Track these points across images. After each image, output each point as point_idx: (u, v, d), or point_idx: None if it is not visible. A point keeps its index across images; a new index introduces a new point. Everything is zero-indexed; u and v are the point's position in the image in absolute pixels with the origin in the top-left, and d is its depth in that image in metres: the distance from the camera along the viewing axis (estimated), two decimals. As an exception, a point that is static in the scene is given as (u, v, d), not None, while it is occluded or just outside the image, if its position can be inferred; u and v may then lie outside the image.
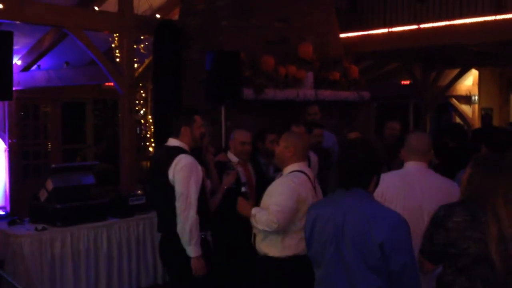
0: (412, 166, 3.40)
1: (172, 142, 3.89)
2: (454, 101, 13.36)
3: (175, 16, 7.91)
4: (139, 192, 5.73)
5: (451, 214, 2.51)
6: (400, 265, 2.38)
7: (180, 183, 3.66)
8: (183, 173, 3.66)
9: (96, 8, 7.41)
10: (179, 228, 3.66)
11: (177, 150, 3.79)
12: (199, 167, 3.79)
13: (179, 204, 3.65)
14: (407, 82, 13.23)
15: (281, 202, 3.38)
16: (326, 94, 7.50)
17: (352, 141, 2.76)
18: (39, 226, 4.91)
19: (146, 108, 8.07)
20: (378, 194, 3.16)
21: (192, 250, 3.66)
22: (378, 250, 2.37)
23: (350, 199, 2.51)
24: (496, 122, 11.98)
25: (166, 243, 3.91)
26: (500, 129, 4.04)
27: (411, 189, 3.28)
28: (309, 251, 2.65)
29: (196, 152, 4.12)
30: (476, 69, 12.68)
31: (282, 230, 3.41)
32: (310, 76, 7.39)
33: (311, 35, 7.76)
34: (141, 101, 8.02)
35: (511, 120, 12.19)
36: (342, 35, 8.90)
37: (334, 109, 7.63)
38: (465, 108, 13.34)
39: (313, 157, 5.42)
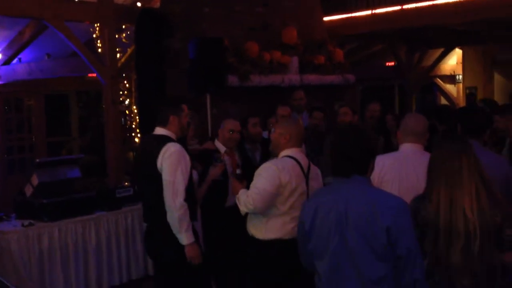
0: (409, 148, 3.38)
1: (160, 131, 3.84)
2: (439, 81, 13.41)
3: (157, 4, 7.80)
4: (126, 183, 5.69)
5: (418, 208, 2.58)
6: (405, 250, 2.37)
7: (167, 171, 3.61)
8: (171, 161, 3.62)
9: (75, -2, 7.28)
10: (168, 217, 3.62)
11: (165, 139, 3.75)
12: (187, 156, 3.75)
13: (167, 193, 3.61)
14: (392, 63, 13.25)
15: (259, 185, 3.41)
16: (311, 78, 7.48)
17: (346, 127, 2.73)
18: (26, 222, 4.86)
19: (131, 99, 7.98)
20: (374, 176, 3.15)
21: (184, 237, 3.61)
22: (385, 235, 2.34)
23: (350, 186, 2.48)
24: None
25: (153, 234, 3.87)
26: (477, 110, 3.93)
27: (407, 171, 3.28)
28: (309, 244, 2.56)
29: (182, 141, 4.08)
30: (460, 48, 12.72)
31: (261, 212, 3.46)
32: (294, 61, 7.35)
33: (294, 19, 7.71)
34: (125, 92, 7.93)
35: (495, 98, 12.27)
36: (325, 18, 8.86)
37: (319, 93, 7.61)
38: (450, 88, 13.40)
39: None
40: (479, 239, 2.42)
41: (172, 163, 3.62)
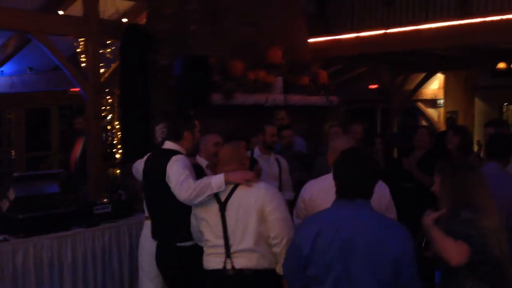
0: None
1: (170, 145, 3.82)
2: (421, 105, 13.56)
3: (143, 20, 7.78)
4: (105, 200, 5.58)
5: (475, 220, 2.62)
6: (409, 277, 2.33)
7: (173, 175, 3.53)
8: (176, 166, 3.56)
9: (61, 12, 7.23)
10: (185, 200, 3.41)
11: (173, 153, 3.73)
12: (190, 165, 3.70)
13: (175, 189, 3.45)
14: (375, 86, 13.37)
15: None
16: (295, 99, 7.51)
17: (353, 151, 2.67)
18: (1, 237, 4.72)
19: (113, 114, 7.91)
20: (305, 199, 3.25)
21: (216, 183, 3.28)
22: (391, 265, 2.29)
23: (355, 211, 2.42)
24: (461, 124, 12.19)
25: (163, 252, 3.84)
26: (502, 135, 4.09)
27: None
28: (308, 270, 2.45)
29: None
30: (442, 73, 12.90)
31: None
32: (279, 81, 7.38)
33: (280, 39, 7.75)
34: (108, 107, 7.86)
35: (476, 122, 12.44)
36: (310, 40, 8.93)
37: (303, 114, 7.63)
38: (431, 112, 13.55)
39: (283, 162, 5.40)
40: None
41: (177, 167, 3.55)
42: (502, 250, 2.51)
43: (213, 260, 3.26)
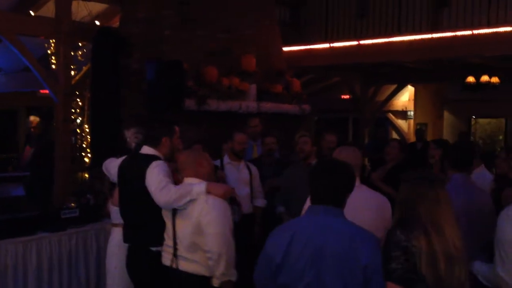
0: None
1: (148, 150, 3.81)
2: (391, 116, 13.76)
3: (116, 23, 7.71)
4: (73, 204, 5.48)
5: (409, 237, 2.44)
6: (378, 284, 2.34)
7: (153, 180, 3.53)
8: (157, 172, 3.56)
9: (32, 13, 7.11)
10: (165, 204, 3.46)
11: (153, 158, 3.72)
12: (169, 171, 3.68)
13: (155, 194, 3.47)
14: (347, 96, 13.52)
15: None
16: (268, 106, 7.52)
17: (329, 160, 2.72)
18: (-37, 241, 4.59)
19: (83, 117, 7.79)
20: None
21: (197, 191, 3.34)
22: (361, 273, 2.30)
23: (328, 219, 2.42)
24: (430, 136, 12.38)
25: (134, 256, 3.82)
26: (464, 146, 4.12)
27: (352, 205, 3.22)
28: (279, 278, 2.44)
29: None
30: (412, 85, 13.12)
31: None
32: (253, 88, 7.39)
33: (254, 47, 7.77)
34: (78, 110, 7.74)
35: (444, 135, 12.67)
36: (284, 49, 8.98)
37: (275, 122, 7.65)
38: (402, 123, 13.76)
39: (254, 169, 5.40)
40: (464, 267, 2.46)
41: (156, 173, 3.56)
42: (440, 276, 2.37)
43: (165, 257, 3.49)
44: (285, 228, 2.54)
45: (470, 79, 10.65)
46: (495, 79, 10.50)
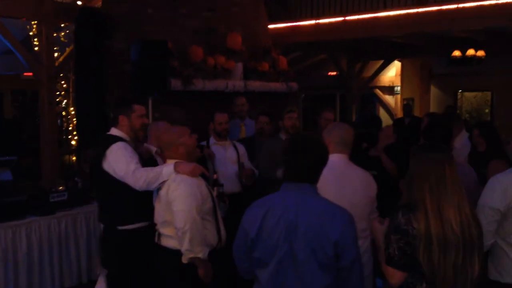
0: (341, 159, 3.32)
1: (113, 131, 3.86)
2: (378, 91, 13.79)
3: (98, 3, 7.58)
4: (61, 188, 5.46)
5: (409, 219, 2.39)
6: (349, 261, 2.36)
7: (120, 164, 3.60)
8: (121, 155, 3.61)
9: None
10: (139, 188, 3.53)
11: (113, 139, 3.75)
12: (131, 150, 3.71)
13: (128, 179, 3.55)
14: (334, 73, 13.50)
15: None
16: (255, 85, 7.49)
17: (302, 135, 2.67)
18: (-49, 227, 4.57)
19: (68, 100, 7.72)
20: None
21: (166, 172, 3.40)
22: (332, 248, 2.33)
23: (301, 195, 2.44)
24: (417, 111, 12.45)
25: (105, 235, 3.90)
26: (442, 123, 4.04)
27: (343, 184, 3.21)
28: (254, 252, 2.48)
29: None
30: (399, 60, 13.13)
31: None
32: (239, 67, 7.35)
33: (239, 25, 7.70)
34: (63, 92, 7.66)
35: (431, 109, 12.74)
36: (270, 26, 8.91)
37: (263, 100, 7.63)
38: (389, 98, 13.81)
39: (240, 147, 5.39)
40: (462, 253, 2.35)
41: (118, 155, 3.62)
42: (433, 262, 2.34)
43: (155, 234, 3.52)
44: (261, 204, 2.56)
45: (456, 53, 10.68)
46: (480, 53, 10.53)
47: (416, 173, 2.46)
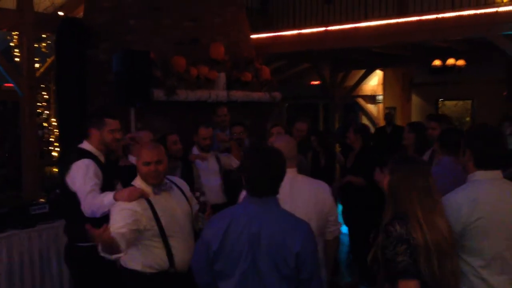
0: (290, 174, 3.07)
1: (84, 144, 3.82)
2: (361, 100, 13.88)
3: (80, 14, 7.55)
4: (42, 200, 5.39)
5: (408, 230, 2.37)
6: (309, 274, 2.38)
7: (78, 186, 3.57)
8: (81, 177, 3.57)
9: (-8, 4, 6.91)
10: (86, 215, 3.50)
11: (83, 154, 3.70)
12: (94, 168, 3.65)
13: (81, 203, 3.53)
14: (317, 82, 13.57)
15: None
16: (238, 95, 7.50)
17: (263, 148, 2.64)
18: None
19: (50, 110, 7.64)
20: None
21: (108, 202, 3.33)
22: (293, 260, 2.35)
23: (263, 208, 2.46)
24: (399, 120, 12.57)
25: (67, 252, 3.91)
26: (454, 130, 4.15)
27: (294, 197, 3.12)
28: (216, 264, 2.49)
29: (109, 157, 4.00)
30: (381, 70, 13.25)
31: None
32: (222, 77, 7.36)
33: (222, 35, 7.72)
34: (44, 103, 7.59)
35: (413, 118, 12.86)
36: (253, 36, 8.95)
37: (246, 110, 7.64)
38: (371, 107, 13.90)
39: (224, 157, 5.41)
40: (455, 257, 2.41)
41: (75, 179, 3.59)
42: (434, 272, 2.33)
43: None
44: (223, 216, 2.56)
45: (437, 62, 10.83)
46: (460, 62, 10.69)
47: (402, 185, 2.45)
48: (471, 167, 2.71)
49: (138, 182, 3.32)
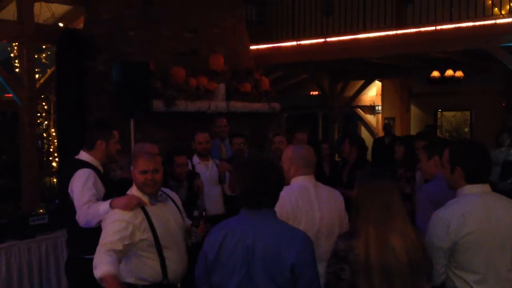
0: (308, 181, 3.24)
1: (82, 155, 3.77)
2: (360, 111, 13.92)
3: (80, 25, 7.59)
4: (41, 210, 5.39)
5: (350, 246, 2.37)
6: (307, 283, 2.38)
7: (75, 195, 3.54)
8: (79, 186, 3.53)
9: (-7, 15, 6.94)
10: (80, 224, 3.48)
11: (82, 164, 3.68)
12: (97, 180, 3.64)
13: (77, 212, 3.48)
14: (316, 93, 13.62)
15: None
16: (238, 105, 7.52)
17: (260, 161, 2.68)
18: None
19: (49, 121, 7.65)
20: (288, 213, 3.09)
21: (103, 210, 3.29)
22: (289, 271, 2.35)
23: (259, 219, 2.47)
24: (398, 130, 12.60)
25: (68, 262, 3.87)
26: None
27: (311, 206, 3.16)
28: (212, 276, 2.51)
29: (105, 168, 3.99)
30: (379, 80, 13.30)
31: None
32: (221, 88, 7.38)
33: (221, 46, 7.76)
34: (43, 114, 7.60)
35: (412, 128, 12.89)
36: (252, 47, 8.99)
37: (245, 120, 7.66)
38: (370, 118, 13.94)
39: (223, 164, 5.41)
40: (410, 279, 2.33)
41: (75, 188, 3.55)
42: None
43: None
44: (220, 227, 2.58)
45: (435, 73, 10.87)
46: (459, 73, 10.74)
47: (362, 200, 2.44)
48: (462, 183, 2.69)
49: (133, 192, 3.28)
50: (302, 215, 3.12)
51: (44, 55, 7.62)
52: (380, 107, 13.64)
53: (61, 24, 7.51)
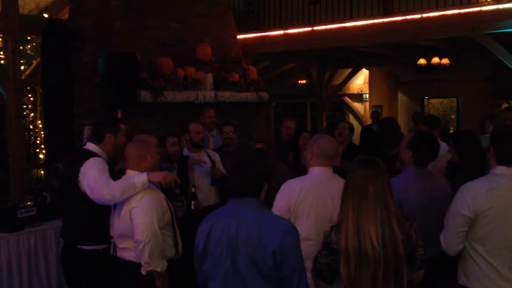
0: (322, 172, 3.30)
1: (91, 147, 3.82)
2: (348, 99, 13.97)
3: (65, 15, 7.52)
4: (29, 203, 5.36)
5: (339, 237, 2.44)
6: (290, 271, 2.40)
7: (90, 178, 3.53)
8: (94, 170, 3.55)
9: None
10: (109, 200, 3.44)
11: (92, 154, 3.71)
12: (106, 166, 3.67)
13: (97, 192, 3.46)
14: (304, 81, 13.64)
15: None
16: (226, 95, 7.52)
17: (248, 152, 2.67)
18: None
19: (35, 113, 7.60)
20: (290, 203, 3.19)
21: (139, 181, 3.34)
22: (271, 259, 2.37)
23: (243, 209, 2.49)
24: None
25: (66, 252, 3.88)
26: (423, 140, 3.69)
27: (323, 198, 3.20)
28: (203, 265, 2.56)
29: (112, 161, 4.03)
30: (367, 68, 13.34)
31: None
32: (209, 78, 7.37)
33: (208, 36, 7.74)
34: (30, 106, 7.54)
35: (399, 115, 12.97)
36: (239, 37, 8.97)
37: (233, 110, 7.66)
38: (358, 106, 14.00)
39: (215, 155, 5.39)
40: (383, 267, 2.38)
41: (92, 170, 3.56)
42: (351, 276, 2.40)
43: (111, 246, 3.57)
44: (208, 218, 2.62)
45: (422, 61, 10.92)
46: (445, 61, 10.80)
47: (348, 189, 2.51)
48: (493, 162, 2.94)
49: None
50: (312, 207, 3.20)
51: (29, 46, 7.54)
52: (367, 95, 13.69)
53: (45, 15, 7.44)
